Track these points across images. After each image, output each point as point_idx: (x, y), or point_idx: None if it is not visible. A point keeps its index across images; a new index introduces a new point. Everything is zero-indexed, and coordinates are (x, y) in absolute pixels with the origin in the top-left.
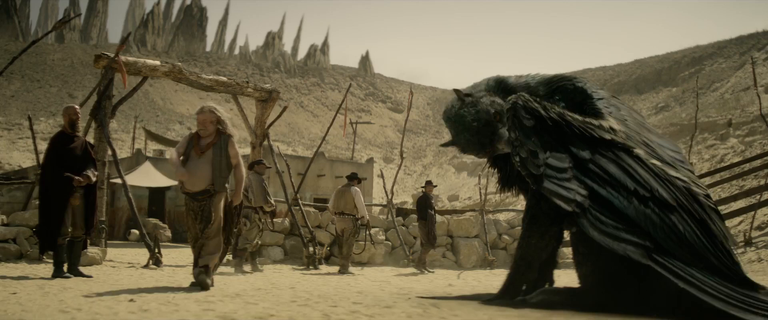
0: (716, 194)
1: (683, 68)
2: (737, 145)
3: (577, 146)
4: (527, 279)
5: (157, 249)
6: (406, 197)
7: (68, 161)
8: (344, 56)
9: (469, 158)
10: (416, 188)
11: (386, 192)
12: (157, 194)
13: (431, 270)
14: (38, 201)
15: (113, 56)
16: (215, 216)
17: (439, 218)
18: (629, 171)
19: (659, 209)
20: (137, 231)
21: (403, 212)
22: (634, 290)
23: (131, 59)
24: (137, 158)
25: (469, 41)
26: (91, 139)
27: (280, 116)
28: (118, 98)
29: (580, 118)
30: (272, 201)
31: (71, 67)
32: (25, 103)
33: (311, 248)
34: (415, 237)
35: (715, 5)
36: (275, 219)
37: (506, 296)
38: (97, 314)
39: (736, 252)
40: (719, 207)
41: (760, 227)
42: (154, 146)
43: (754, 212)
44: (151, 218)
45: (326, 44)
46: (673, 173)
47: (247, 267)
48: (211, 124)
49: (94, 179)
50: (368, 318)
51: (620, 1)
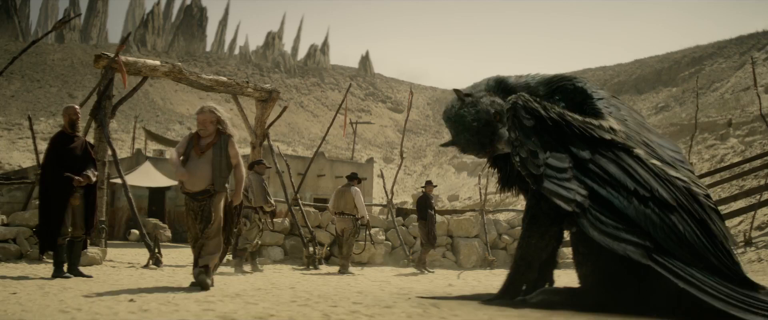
0: (716, 194)
1: (683, 68)
2: (737, 145)
3: (577, 146)
4: (527, 279)
5: (157, 249)
6: (406, 197)
7: (68, 161)
8: (344, 56)
9: (468, 158)
10: (416, 188)
11: (386, 193)
12: (157, 194)
13: (431, 270)
14: (38, 201)
15: (113, 56)
16: (215, 216)
17: (439, 218)
18: (629, 171)
19: (659, 209)
20: (137, 231)
21: (403, 212)
22: (634, 290)
23: (131, 59)
24: (137, 158)
25: (469, 41)
26: (91, 138)
27: (280, 116)
28: (118, 98)
29: (580, 117)
30: (272, 202)
31: (71, 67)
32: (25, 103)
33: (311, 248)
34: (415, 237)
35: (715, 5)
36: (275, 219)
37: (506, 296)
38: (97, 314)
39: (736, 253)
40: (719, 208)
41: (760, 227)
42: (154, 146)
43: (754, 212)
44: (151, 218)
45: (326, 44)
46: (673, 173)
47: (247, 267)
48: (211, 124)
49: (94, 179)
50: (368, 318)
51: (620, 1)
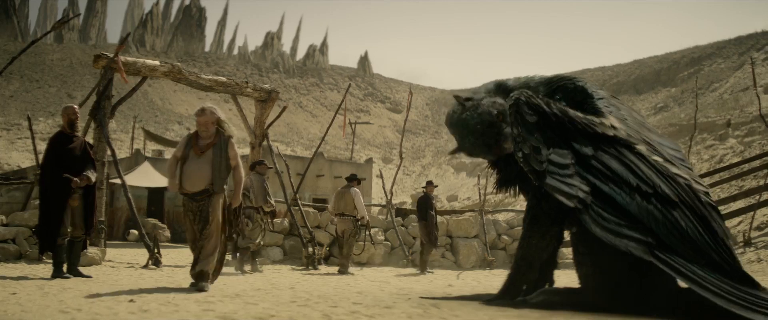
0: (715, 194)
1: (682, 68)
2: (736, 145)
3: (579, 142)
4: (528, 280)
5: (156, 250)
6: (405, 197)
7: (67, 161)
8: (343, 56)
9: (468, 158)
10: (415, 188)
11: (385, 193)
12: (156, 194)
13: (431, 271)
14: (38, 202)
15: (112, 56)
16: (213, 217)
17: (438, 218)
18: (632, 168)
19: (662, 205)
20: (136, 232)
21: (402, 212)
22: (634, 290)
23: (130, 59)
24: (136, 158)
25: (468, 41)
26: (90, 139)
27: (279, 116)
28: (117, 98)
29: (582, 114)
30: (272, 202)
31: (70, 67)
32: (24, 103)
33: (310, 248)
34: (414, 238)
35: (714, 5)
36: (275, 220)
37: (507, 296)
38: (96, 314)
39: (735, 252)
40: (719, 208)
41: (759, 227)
42: (153, 146)
43: (753, 212)
44: (150, 218)
45: (325, 44)
46: (674, 170)
47: (247, 267)
48: (212, 125)
49: (93, 179)
50: (368, 319)
51: (620, 1)
